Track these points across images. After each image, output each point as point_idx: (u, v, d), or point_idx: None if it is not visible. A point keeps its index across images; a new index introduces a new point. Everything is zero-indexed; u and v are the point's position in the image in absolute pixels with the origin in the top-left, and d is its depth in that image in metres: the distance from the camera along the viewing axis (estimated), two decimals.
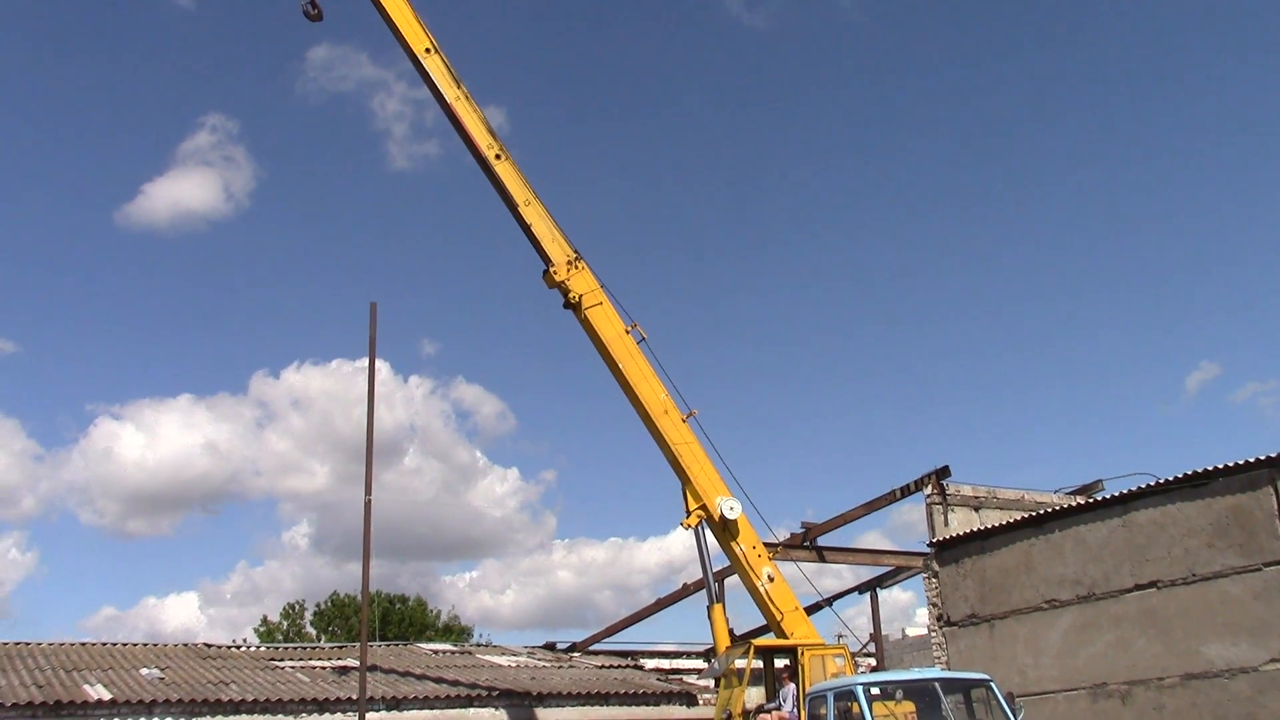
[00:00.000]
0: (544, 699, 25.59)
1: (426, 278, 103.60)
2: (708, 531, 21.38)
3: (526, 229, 21.94)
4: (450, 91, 22.01)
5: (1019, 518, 22.67)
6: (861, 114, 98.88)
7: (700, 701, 27.25)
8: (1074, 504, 22.46)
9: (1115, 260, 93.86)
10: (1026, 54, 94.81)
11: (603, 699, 26.38)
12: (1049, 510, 22.18)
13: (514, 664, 30.79)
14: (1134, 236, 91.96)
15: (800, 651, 19.31)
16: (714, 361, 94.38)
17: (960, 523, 24.12)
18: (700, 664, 31.72)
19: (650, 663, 32.95)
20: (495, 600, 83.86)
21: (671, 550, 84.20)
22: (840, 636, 29.18)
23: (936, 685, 15.39)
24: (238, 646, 31.90)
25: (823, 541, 26.60)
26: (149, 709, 21.71)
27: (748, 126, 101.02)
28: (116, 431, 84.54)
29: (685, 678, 30.41)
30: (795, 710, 18.06)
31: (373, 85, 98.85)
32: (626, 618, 33.52)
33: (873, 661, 30.07)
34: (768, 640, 21.14)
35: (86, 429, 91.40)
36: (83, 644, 28.34)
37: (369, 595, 25.81)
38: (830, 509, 28.27)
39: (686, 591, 30.55)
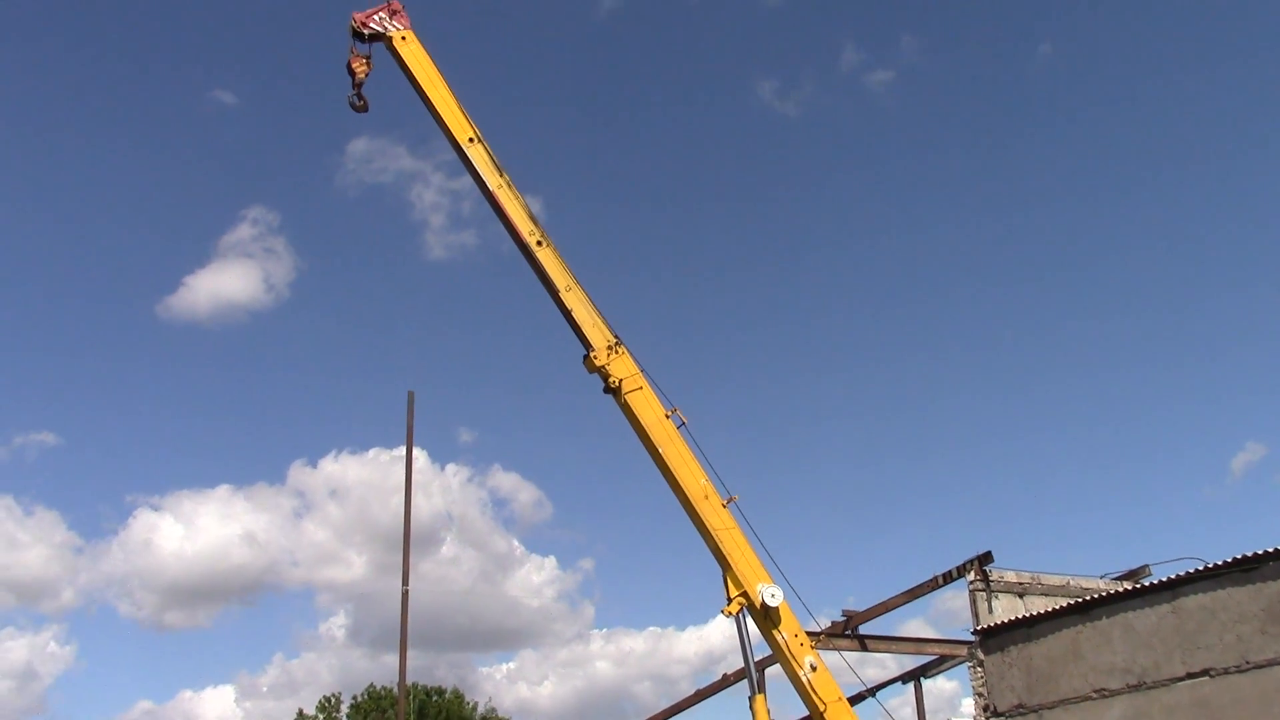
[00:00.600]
0: None
1: (463, 366, 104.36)
2: (748, 619, 21.13)
3: (567, 314, 22.13)
4: (493, 179, 22.37)
5: (1064, 604, 22.30)
6: (894, 197, 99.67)
7: None
8: (1121, 589, 22.08)
9: (1157, 341, 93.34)
10: (1057, 130, 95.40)
11: None
12: (1096, 596, 21.82)
13: None
14: (1176, 316, 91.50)
15: None
16: (754, 446, 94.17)
17: (1004, 609, 23.75)
18: None
19: None
20: (533, 691, 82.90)
21: (711, 640, 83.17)
22: None
23: None
24: None
25: (865, 629, 26.24)
26: None
27: (782, 213, 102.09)
28: (155, 523, 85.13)
29: None
30: None
31: (411, 176, 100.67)
32: (666, 709, 33.01)
33: None
34: None
35: (126, 520, 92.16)
36: None
37: (406, 688, 25.65)
38: (871, 596, 27.99)
39: (727, 682, 30.12)
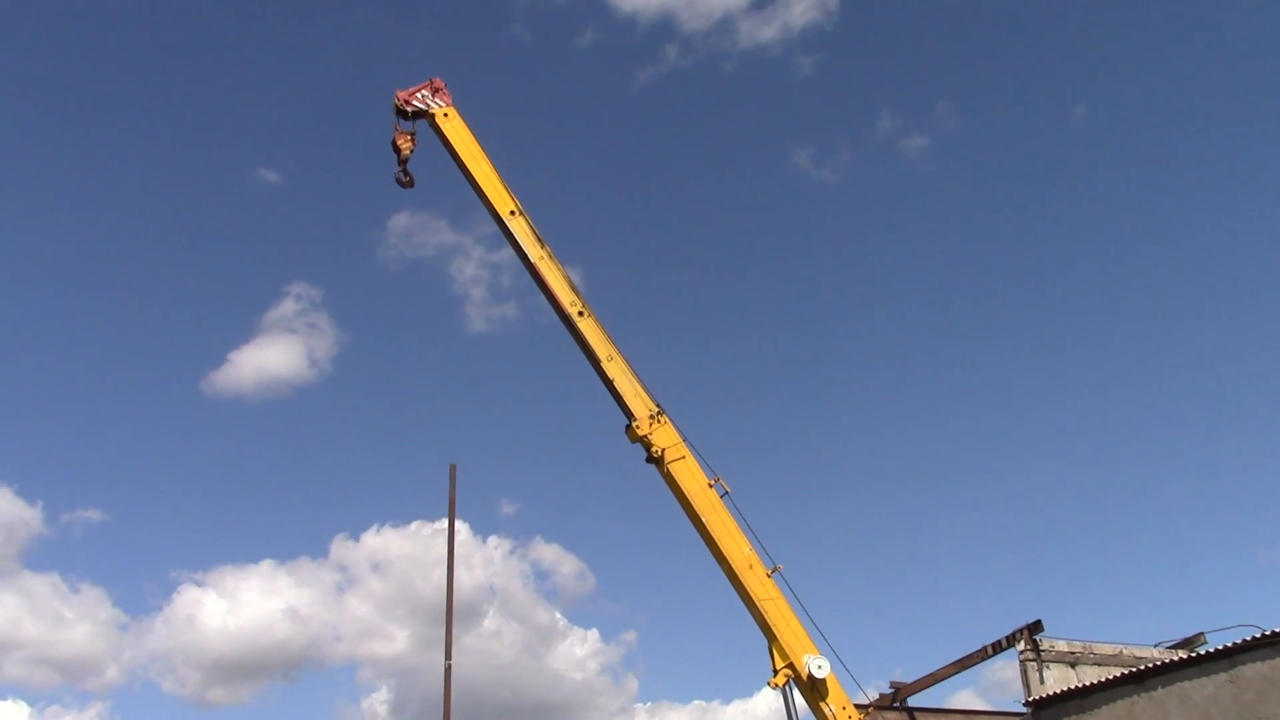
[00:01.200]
0: None
1: (504, 438, 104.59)
2: (795, 691, 20.90)
3: (609, 384, 22.21)
4: (534, 251, 22.61)
5: (1118, 674, 21.90)
6: (932, 263, 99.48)
7: None
8: (1176, 658, 21.64)
9: (1207, 402, 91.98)
10: (1099, 191, 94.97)
11: None
12: (1150, 665, 21.41)
13: None
14: (1229, 379, 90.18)
15: None
16: (798, 514, 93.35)
17: (1056, 680, 23.35)
18: None
19: None
20: None
21: (756, 713, 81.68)
22: None
23: None
24: None
25: (913, 702, 25.87)
26: None
27: (820, 279, 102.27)
28: (199, 598, 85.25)
29: None
30: None
31: (452, 250, 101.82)
32: None
33: None
34: None
35: (170, 596, 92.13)
36: None
37: None
38: (919, 667, 27.62)
39: None
